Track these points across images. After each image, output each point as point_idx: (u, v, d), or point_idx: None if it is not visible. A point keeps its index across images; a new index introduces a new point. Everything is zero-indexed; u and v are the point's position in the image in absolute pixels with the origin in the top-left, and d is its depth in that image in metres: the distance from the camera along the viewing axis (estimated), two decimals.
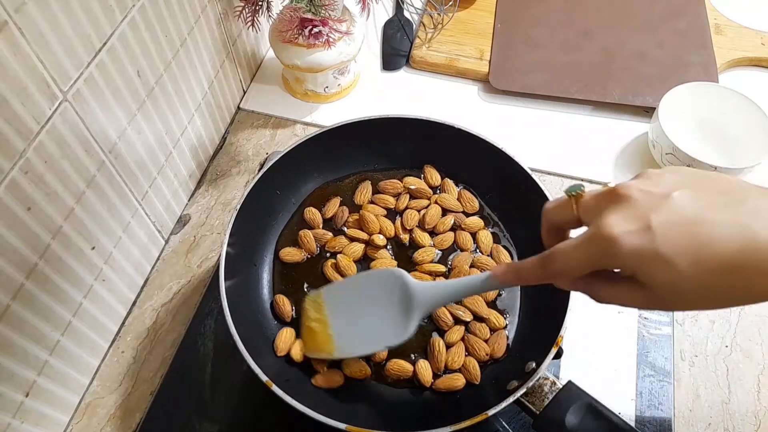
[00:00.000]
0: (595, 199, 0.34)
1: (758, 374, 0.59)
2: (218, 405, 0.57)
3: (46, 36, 0.43)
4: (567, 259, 0.35)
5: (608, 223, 0.32)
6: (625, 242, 0.31)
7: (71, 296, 0.52)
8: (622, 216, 0.32)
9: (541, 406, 0.47)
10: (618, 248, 0.32)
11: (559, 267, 0.35)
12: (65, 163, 0.48)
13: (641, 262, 0.32)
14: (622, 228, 0.32)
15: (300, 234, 0.60)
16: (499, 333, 0.55)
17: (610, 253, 0.32)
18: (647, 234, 0.31)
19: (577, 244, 0.34)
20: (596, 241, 0.33)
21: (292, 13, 0.69)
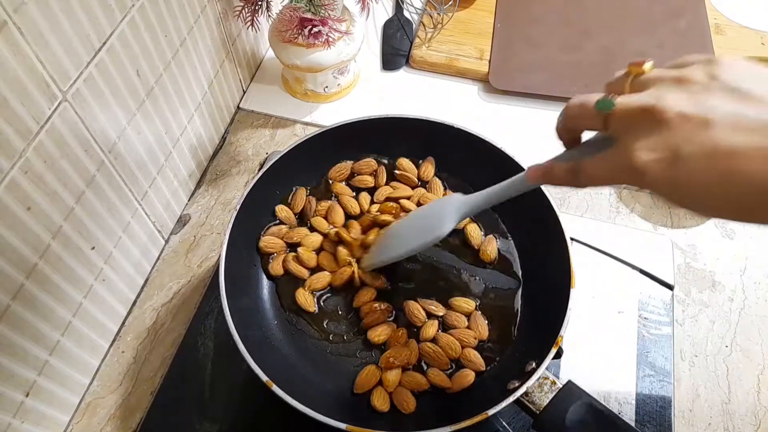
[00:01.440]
0: (629, 116, 0.33)
1: (758, 374, 0.59)
2: (218, 405, 0.57)
3: (45, 36, 0.43)
4: (594, 177, 0.35)
5: (636, 150, 0.31)
6: (653, 171, 0.31)
7: (71, 296, 0.52)
8: (652, 142, 0.31)
9: (541, 406, 0.47)
10: (644, 177, 0.31)
11: (587, 181, 0.36)
12: (65, 163, 0.48)
13: (665, 191, 0.31)
14: (649, 156, 0.31)
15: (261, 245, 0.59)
16: (474, 315, 0.56)
17: (637, 181, 0.32)
18: (675, 165, 0.30)
19: (606, 164, 0.34)
20: (623, 166, 0.32)
21: (292, 13, 0.69)
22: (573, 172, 0.37)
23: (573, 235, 0.58)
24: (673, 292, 0.63)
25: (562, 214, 0.55)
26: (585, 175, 0.36)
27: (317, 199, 0.62)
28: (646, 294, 0.63)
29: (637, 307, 0.62)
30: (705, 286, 0.65)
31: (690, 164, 0.30)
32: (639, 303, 0.62)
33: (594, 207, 0.71)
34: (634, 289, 0.63)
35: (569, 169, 0.38)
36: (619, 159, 0.33)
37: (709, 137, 0.29)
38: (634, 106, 0.32)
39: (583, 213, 0.70)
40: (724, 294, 0.65)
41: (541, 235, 0.57)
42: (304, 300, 0.57)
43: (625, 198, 0.72)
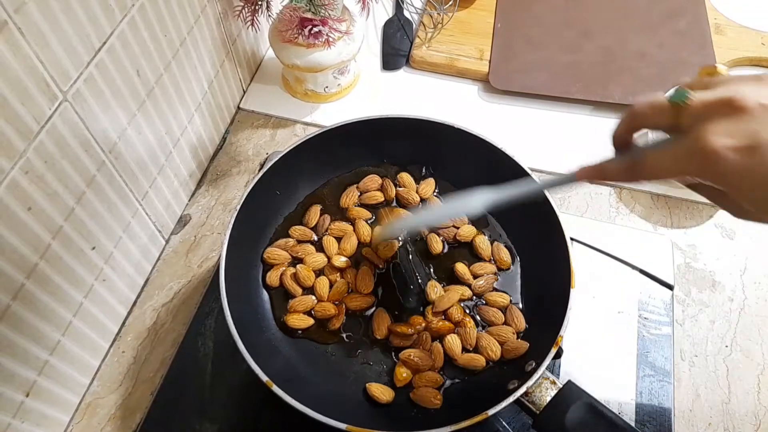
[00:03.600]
0: (706, 107, 0.31)
1: (758, 374, 0.59)
2: (218, 405, 0.57)
3: (46, 36, 0.43)
4: (660, 167, 0.33)
5: (712, 134, 0.30)
6: (727, 158, 0.29)
7: (71, 296, 0.52)
8: (730, 129, 0.29)
9: (541, 406, 0.47)
10: (717, 165, 0.30)
11: (649, 172, 0.34)
12: (65, 163, 0.48)
13: (739, 182, 0.30)
14: (725, 142, 0.29)
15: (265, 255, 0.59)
16: (511, 308, 0.56)
17: (708, 169, 0.30)
18: (751, 152, 0.29)
19: (673, 153, 0.32)
20: (695, 154, 0.30)
21: (292, 13, 0.69)
22: (632, 169, 0.35)
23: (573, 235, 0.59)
24: (673, 292, 0.63)
25: (562, 214, 0.55)
26: (648, 167, 0.34)
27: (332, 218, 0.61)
28: (646, 294, 0.63)
29: (637, 307, 0.62)
30: (705, 286, 0.65)
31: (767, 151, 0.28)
32: (639, 303, 0.62)
33: (594, 207, 0.71)
34: (634, 289, 0.63)
35: (627, 165, 0.36)
36: (691, 146, 0.31)
37: None
38: (712, 97, 0.31)
39: (583, 213, 0.71)
40: (724, 294, 0.65)
41: (541, 235, 0.57)
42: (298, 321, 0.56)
43: (625, 198, 0.72)
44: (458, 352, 0.54)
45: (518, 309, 0.57)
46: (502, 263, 0.59)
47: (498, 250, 0.60)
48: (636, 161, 0.35)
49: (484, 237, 0.61)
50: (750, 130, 0.29)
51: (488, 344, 0.54)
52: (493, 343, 0.54)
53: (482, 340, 0.54)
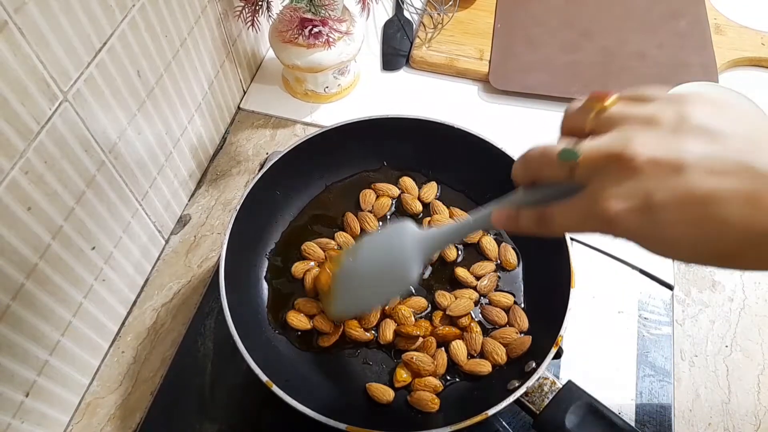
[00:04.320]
0: (596, 162, 0.31)
1: (758, 374, 0.59)
2: (218, 405, 0.57)
3: (46, 36, 0.43)
4: (563, 224, 0.34)
5: (606, 201, 0.30)
6: (624, 222, 0.30)
7: (71, 296, 0.52)
8: (623, 191, 0.29)
9: (541, 406, 0.47)
10: (617, 228, 0.30)
11: (555, 229, 0.34)
12: (65, 163, 0.48)
13: (640, 240, 0.30)
14: (620, 205, 0.29)
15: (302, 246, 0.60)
16: (514, 308, 0.56)
17: (608, 230, 0.31)
18: (648, 214, 0.29)
19: (577, 215, 0.32)
20: (595, 216, 0.31)
21: (292, 13, 0.69)
22: (542, 221, 0.35)
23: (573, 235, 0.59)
24: (673, 292, 0.63)
25: None
26: (555, 224, 0.34)
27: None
28: (646, 294, 0.63)
29: (637, 307, 0.62)
30: (705, 286, 0.65)
31: (664, 213, 0.29)
32: (639, 303, 0.62)
33: None
34: (634, 289, 0.63)
35: (538, 218, 0.35)
36: (590, 208, 0.31)
37: (683, 183, 0.28)
38: (601, 153, 0.30)
39: None
40: (724, 294, 0.65)
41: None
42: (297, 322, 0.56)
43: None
44: (463, 359, 0.54)
45: (521, 309, 0.56)
46: (508, 264, 0.59)
47: (505, 251, 0.60)
48: (544, 215, 0.35)
49: (491, 237, 0.61)
50: (642, 190, 0.29)
51: (493, 348, 0.54)
52: (498, 347, 0.54)
53: (487, 345, 0.54)
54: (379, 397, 0.52)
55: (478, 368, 0.53)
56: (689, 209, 0.28)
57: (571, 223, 0.33)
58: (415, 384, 0.53)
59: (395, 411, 0.52)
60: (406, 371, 0.53)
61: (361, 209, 0.63)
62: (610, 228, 0.31)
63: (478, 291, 0.57)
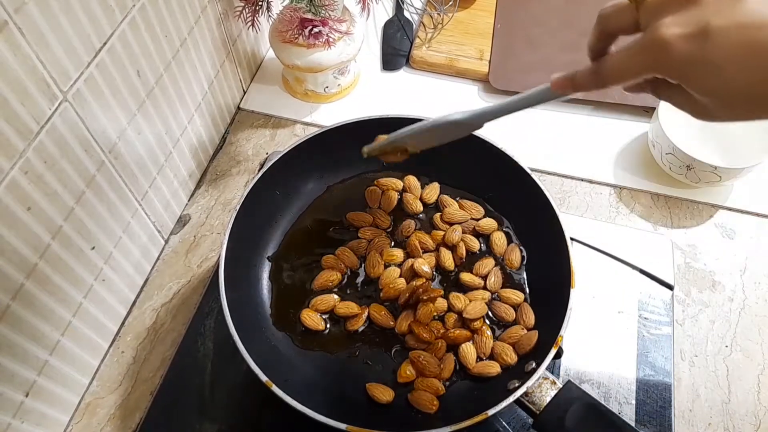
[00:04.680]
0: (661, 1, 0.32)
1: (758, 374, 0.59)
2: (218, 405, 0.57)
3: (46, 36, 0.43)
4: (619, 67, 0.34)
5: (664, 25, 0.31)
6: (676, 47, 0.30)
7: (71, 296, 0.52)
8: (682, 19, 0.30)
9: (541, 406, 0.47)
10: (668, 53, 0.31)
11: (611, 74, 0.35)
12: (65, 163, 0.48)
13: (689, 70, 0.31)
14: (675, 31, 0.30)
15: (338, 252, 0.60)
16: (523, 306, 0.56)
17: (661, 59, 0.31)
18: (701, 39, 0.30)
19: (629, 50, 0.33)
20: (648, 45, 0.32)
21: (292, 13, 0.69)
22: (596, 72, 0.36)
23: (573, 235, 0.59)
24: (673, 292, 0.63)
25: (562, 214, 0.55)
26: (609, 68, 0.35)
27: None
28: (646, 294, 0.63)
29: (637, 307, 0.62)
30: (705, 286, 0.65)
31: (719, 38, 0.29)
32: (639, 303, 0.62)
33: (594, 207, 0.71)
34: (634, 289, 0.63)
35: (592, 70, 0.36)
36: (645, 39, 0.32)
37: (740, 9, 0.29)
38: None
39: (583, 213, 0.71)
40: (724, 294, 0.65)
41: (541, 235, 0.57)
42: (310, 321, 0.56)
43: (625, 198, 0.72)
44: (472, 362, 0.53)
45: (529, 306, 0.56)
46: (511, 265, 0.59)
47: (511, 251, 0.60)
48: (599, 64, 0.36)
49: (502, 233, 0.61)
50: (700, 17, 0.30)
51: (502, 350, 0.54)
52: (508, 348, 0.54)
53: (496, 347, 0.54)
54: (379, 397, 0.52)
55: (487, 370, 0.53)
56: (744, 33, 0.29)
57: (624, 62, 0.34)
58: (417, 383, 0.53)
59: (395, 411, 0.52)
60: (411, 368, 0.53)
61: (369, 207, 0.63)
62: (663, 54, 0.31)
63: (488, 289, 0.58)
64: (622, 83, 0.36)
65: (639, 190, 0.72)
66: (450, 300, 0.56)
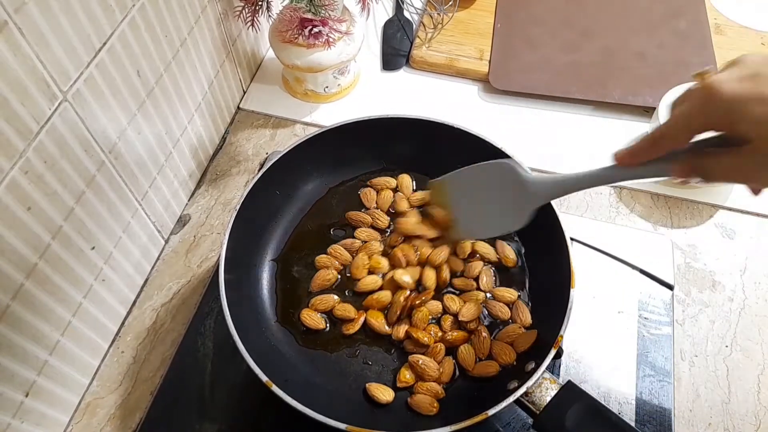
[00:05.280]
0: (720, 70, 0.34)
1: (758, 374, 0.59)
2: (218, 405, 0.57)
3: (46, 36, 0.43)
4: (671, 122, 0.36)
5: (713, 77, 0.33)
6: (725, 87, 0.32)
7: (71, 296, 0.52)
8: (729, 72, 0.33)
9: (541, 406, 0.47)
10: (717, 93, 0.32)
11: (664, 131, 0.36)
12: (65, 163, 0.48)
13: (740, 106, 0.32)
14: (724, 76, 0.32)
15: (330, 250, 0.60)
16: (517, 303, 0.56)
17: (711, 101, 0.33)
18: (751, 80, 0.32)
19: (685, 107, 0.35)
20: (696, 91, 0.33)
21: (292, 13, 0.69)
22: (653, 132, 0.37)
23: (573, 235, 0.59)
24: (673, 292, 0.63)
25: (562, 214, 0.55)
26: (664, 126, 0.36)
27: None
28: (646, 294, 0.63)
29: (637, 307, 0.62)
30: (705, 286, 0.65)
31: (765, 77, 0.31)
32: (639, 303, 0.62)
33: (594, 207, 0.71)
34: (634, 289, 0.63)
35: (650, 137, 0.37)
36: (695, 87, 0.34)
37: None
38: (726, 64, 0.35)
39: (583, 213, 0.70)
40: (724, 294, 0.65)
41: (541, 235, 0.57)
42: (311, 321, 0.56)
43: (625, 198, 0.72)
44: (471, 363, 0.53)
45: (524, 303, 0.57)
46: (507, 261, 0.59)
47: (502, 248, 0.60)
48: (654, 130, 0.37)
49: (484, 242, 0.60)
50: (749, 65, 0.33)
51: (501, 350, 0.54)
52: (506, 347, 0.54)
53: (494, 347, 0.54)
54: (379, 397, 0.52)
55: (487, 370, 0.53)
56: None
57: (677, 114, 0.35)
58: (417, 387, 0.53)
59: (395, 411, 0.52)
60: (410, 373, 0.53)
61: (366, 208, 0.63)
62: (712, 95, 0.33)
63: (482, 289, 0.58)
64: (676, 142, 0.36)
65: (639, 190, 0.72)
66: (445, 302, 0.56)
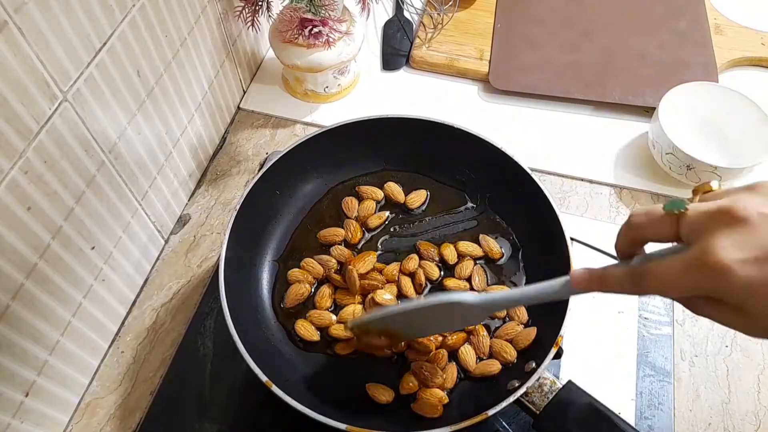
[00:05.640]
0: (705, 217, 0.31)
1: (758, 374, 0.59)
2: (218, 405, 0.57)
3: (46, 36, 0.43)
4: (665, 282, 0.32)
5: (720, 249, 0.29)
6: (739, 273, 0.28)
7: (71, 296, 0.52)
8: (737, 242, 0.29)
9: (541, 406, 0.47)
10: (729, 279, 0.29)
11: (653, 287, 0.33)
12: (65, 163, 0.48)
13: (756, 294, 0.29)
14: (735, 256, 0.29)
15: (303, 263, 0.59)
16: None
17: (719, 283, 0.29)
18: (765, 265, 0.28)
19: (679, 268, 0.31)
20: (703, 268, 0.30)
21: (292, 13, 0.69)
22: (635, 277, 0.33)
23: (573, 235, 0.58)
24: None
25: (562, 214, 0.55)
26: (651, 279, 0.32)
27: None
28: None
29: (637, 307, 0.62)
30: None
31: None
32: (639, 303, 0.62)
33: (594, 207, 0.71)
34: None
35: (630, 274, 0.34)
36: (698, 259, 0.30)
37: None
38: (710, 207, 0.31)
39: (583, 213, 0.70)
40: None
41: (541, 235, 0.57)
42: (305, 332, 0.56)
43: (625, 198, 0.72)
44: (472, 363, 0.53)
45: None
46: (493, 254, 0.60)
47: (486, 242, 0.60)
48: (639, 270, 0.33)
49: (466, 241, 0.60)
50: (757, 241, 0.29)
51: (501, 348, 0.54)
52: (506, 345, 0.54)
53: (494, 345, 0.54)
54: (379, 398, 0.52)
55: (488, 369, 0.53)
56: None
57: (671, 278, 0.31)
58: (420, 394, 0.52)
59: (395, 411, 0.52)
60: (413, 379, 0.53)
61: (347, 217, 0.62)
62: (720, 278, 0.29)
63: (476, 289, 0.58)
64: (663, 296, 0.34)
65: (639, 190, 0.72)
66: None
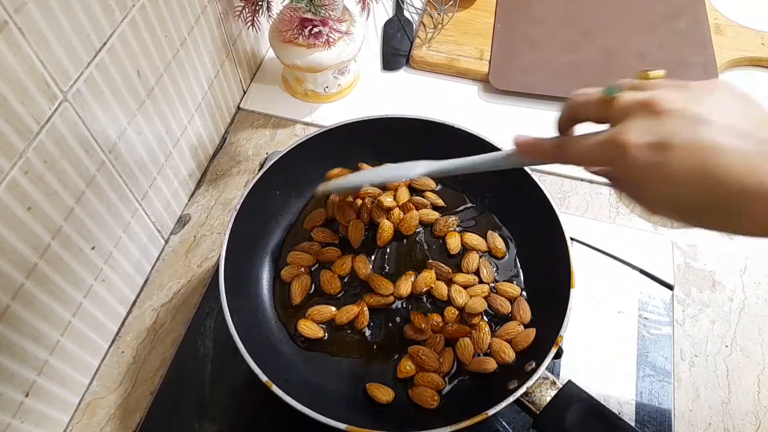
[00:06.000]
0: (633, 103, 0.34)
1: (758, 374, 0.59)
2: (218, 405, 0.57)
3: (46, 36, 0.43)
4: (579, 153, 0.36)
5: (628, 131, 0.33)
6: (634, 153, 0.32)
7: (71, 296, 0.52)
8: (646, 127, 0.32)
9: (541, 406, 0.47)
10: (625, 157, 0.32)
11: (570, 157, 0.37)
12: (65, 163, 0.48)
13: (648, 175, 0.32)
14: (638, 140, 0.32)
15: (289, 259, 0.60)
16: (519, 300, 0.56)
17: (618, 159, 0.33)
18: (660, 151, 0.31)
19: (592, 143, 0.35)
20: (609, 142, 0.34)
21: (292, 13, 0.69)
22: (560, 147, 0.38)
23: (573, 235, 0.59)
24: (673, 292, 0.63)
25: (562, 214, 0.55)
26: (570, 149, 0.37)
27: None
28: (646, 294, 0.63)
29: (637, 307, 0.62)
30: (705, 286, 0.65)
31: (676, 152, 0.31)
32: (639, 303, 0.62)
33: (594, 207, 0.71)
34: (634, 289, 0.63)
35: (556, 144, 0.39)
36: (609, 137, 0.34)
37: (701, 132, 0.31)
38: (638, 97, 0.34)
39: (583, 213, 0.70)
40: (724, 294, 0.65)
41: (541, 235, 0.57)
42: (309, 330, 0.56)
43: (625, 198, 0.72)
44: (468, 357, 0.53)
45: (525, 301, 0.56)
46: (497, 252, 0.60)
47: (492, 238, 0.60)
48: (563, 141, 0.38)
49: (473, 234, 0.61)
50: (663, 130, 0.32)
51: (500, 347, 0.53)
52: (505, 345, 0.54)
53: (494, 344, 0.54)
54: (379, 397, 0.52)
55: (483, 366, 0.53)
56: (699, 154, 0.31)
57: (586, 149, 0.36)
58: (417, 379, 0.53)
59: (395, 411, 0.52)
60: (410, 363, 0.53)
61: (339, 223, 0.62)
62: (620, 154, 0.33)
63: (485, 281, 0.58)
64: (580, 165, 0.38)
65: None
66: (451, 294, 0.56)
